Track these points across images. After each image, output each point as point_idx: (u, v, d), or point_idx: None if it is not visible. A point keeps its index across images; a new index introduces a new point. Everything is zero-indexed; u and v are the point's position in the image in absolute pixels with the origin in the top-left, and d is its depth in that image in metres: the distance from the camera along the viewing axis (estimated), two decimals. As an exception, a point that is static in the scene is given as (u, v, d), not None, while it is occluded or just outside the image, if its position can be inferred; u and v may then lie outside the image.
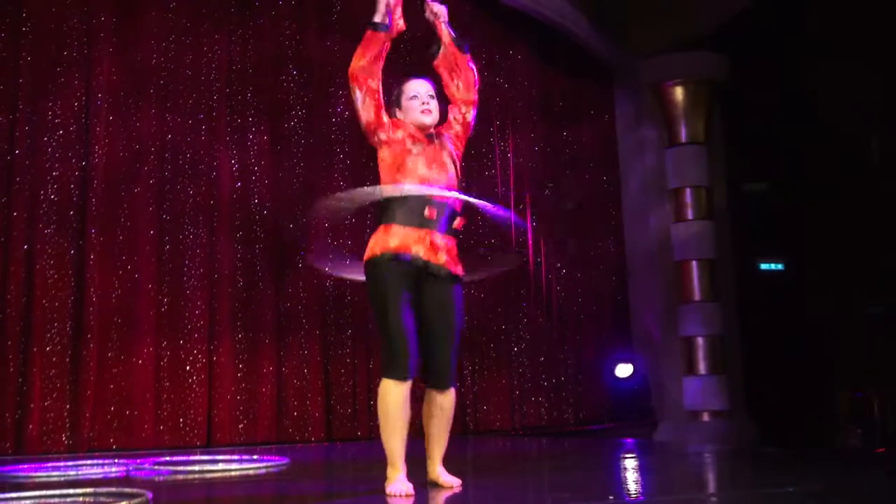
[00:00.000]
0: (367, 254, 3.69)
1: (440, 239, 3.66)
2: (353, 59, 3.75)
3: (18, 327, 7.22)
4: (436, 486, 3.81)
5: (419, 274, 3.65)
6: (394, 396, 3.60)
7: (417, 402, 3.71)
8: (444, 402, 3.78)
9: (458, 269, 3.74)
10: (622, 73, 10.54)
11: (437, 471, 3.84)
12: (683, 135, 10.19)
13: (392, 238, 3.62)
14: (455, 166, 3.84)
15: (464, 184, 3.96)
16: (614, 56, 10.38)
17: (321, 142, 8.42)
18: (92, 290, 7.46)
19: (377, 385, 3.67)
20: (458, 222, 3.76)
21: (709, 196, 10.12)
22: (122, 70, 7.83)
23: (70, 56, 7.70)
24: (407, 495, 3.53)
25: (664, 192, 10.25)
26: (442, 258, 3.65)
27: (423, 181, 3.69)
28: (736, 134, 10.50)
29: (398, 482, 3.59)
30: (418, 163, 3.72)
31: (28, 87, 7.55)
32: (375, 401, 3.72)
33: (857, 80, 9.38)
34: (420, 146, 3.76)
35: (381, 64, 3.77)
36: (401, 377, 3.60)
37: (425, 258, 3.62)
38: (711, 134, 10.33)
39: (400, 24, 3.81)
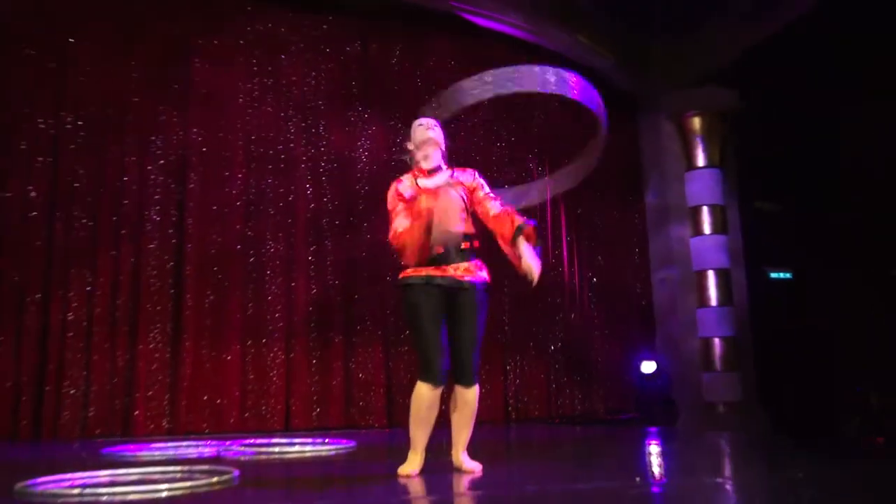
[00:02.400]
0: (397, 281, 3.77)
1: (451, 267, 3.67)
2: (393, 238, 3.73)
3: (126, 328, 7.36)
4: (460, 471, 3.77)
5: (441, 290, 3.66)
6: (426, 399, 3.64)
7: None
8: (468, 397, 3.76)
9: (474, 278, 3.71)
10: (646, 104, 10.47)
11: (461, 457, 3.82)
12: (701, 159, 10.08)
13: (409, 268, 3.70)
14: (463, 199, 3.81)
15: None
16: (639, 90, 10.31)
17: (386, 174, 8.41)
18: (188, 296, 7.58)
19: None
20: (466, 245, 3.74)
21: (724, 213, 10.00)
22: (213, 107, 7.96)
23: (170, 95, 7.86)
24: (408, 475, 3.63)
25: (684, 209, 10.14)
26: (450, 272, 3.66)
27: (430, 212, 3.68)
28: (748, 158, 10.36)
29: (409, 465, 3.68)
30: (425, 198, 3.72)
31: (135, 122, 7.72)
32: None
33: (856, 109, 9.24)
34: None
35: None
36: (433, 382, 3.62)
37: (434, 274, 3.65)
38: (726, 158, 10.21)
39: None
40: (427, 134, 3.87)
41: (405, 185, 3.85)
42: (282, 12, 8.37)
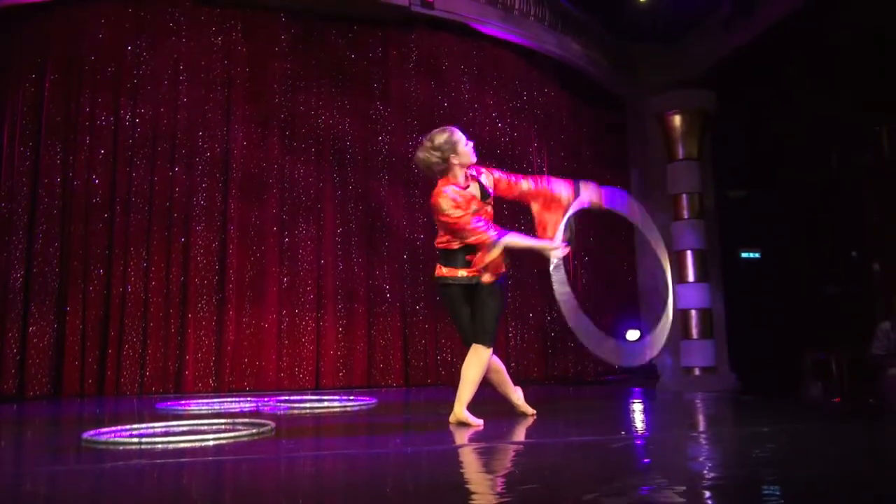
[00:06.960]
0: (436, 277, 3.97)
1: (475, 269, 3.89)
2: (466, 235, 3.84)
3: (178, 299, 7.41)
4: (465, 424, 3.72)
5: (467, 287, 3.91)
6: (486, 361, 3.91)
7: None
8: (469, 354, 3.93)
9: (483, 278, 3.89)
10: (632, 104, 10.38)
11: (464, 413, 3.81)
12: (681, 152, 10.01)
13: (444, 269, 3.92)
14: (489, 196, 3.99)
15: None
16: (627, 91, 10.23)
17: (403, 166, 8.38)
18: (231, 271, 7.61)
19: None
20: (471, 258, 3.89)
21: (701, 200, 9.94)
22: (253, 108, 7.95)
23: (214, 97, 7.85)
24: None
25: (666, 196, 10.09)
26: (464, 273, 3.87)
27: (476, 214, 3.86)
28: (722, 152, 10.27)
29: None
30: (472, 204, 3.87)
31: (184, 120, 7.72)
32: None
33: (817, 110, 9.14)
34: (470, 192, 3.89)
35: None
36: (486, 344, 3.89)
37: (461, 274, 3.88)
38: (703, 152, 10.14)
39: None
40: (475, 159, 3.93)
41: (458, 194, 3.83)
42: (314, 23, 8.32)
